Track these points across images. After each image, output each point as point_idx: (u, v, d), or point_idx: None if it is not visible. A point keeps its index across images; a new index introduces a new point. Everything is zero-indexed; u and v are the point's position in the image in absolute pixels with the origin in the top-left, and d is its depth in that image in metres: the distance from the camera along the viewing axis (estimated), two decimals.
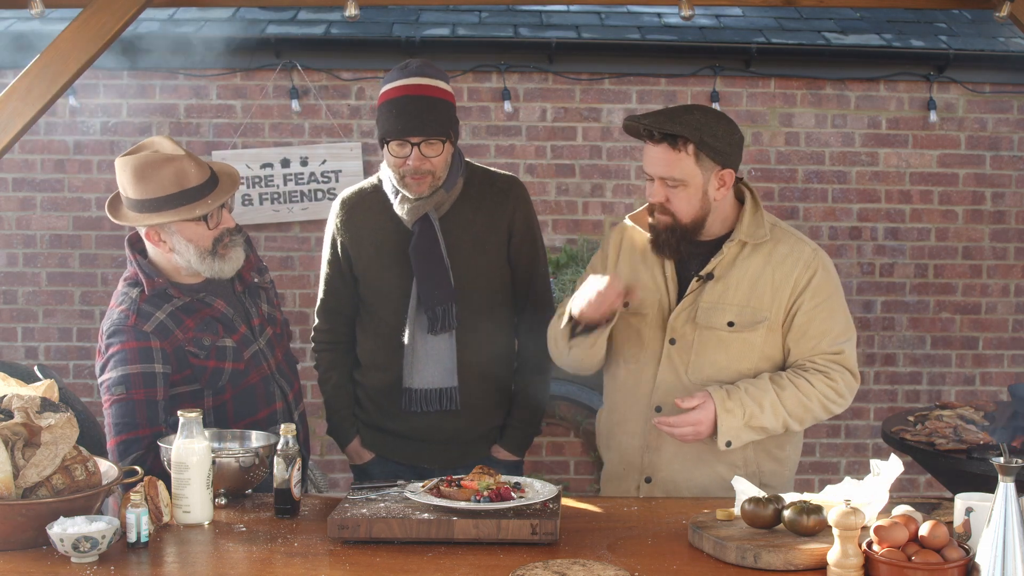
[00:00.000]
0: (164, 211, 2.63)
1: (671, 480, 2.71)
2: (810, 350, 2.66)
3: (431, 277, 2.94)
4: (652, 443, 2.72)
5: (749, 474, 2.69)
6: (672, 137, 2.57)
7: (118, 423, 2.61)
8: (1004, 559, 1.88)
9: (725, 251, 2.67)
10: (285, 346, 2.96)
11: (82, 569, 2.08)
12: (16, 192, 5.32)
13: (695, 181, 2.60)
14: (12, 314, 5.36)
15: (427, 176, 2.89)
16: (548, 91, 5.38)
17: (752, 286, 2.66)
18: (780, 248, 2.68)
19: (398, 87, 2.88)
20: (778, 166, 5.44)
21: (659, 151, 2.60)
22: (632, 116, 2.66)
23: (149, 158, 2.63)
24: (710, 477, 2.70)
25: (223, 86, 5.32)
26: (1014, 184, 5.50)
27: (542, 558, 2.12)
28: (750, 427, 2.59)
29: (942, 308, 5.53)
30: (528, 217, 3.09)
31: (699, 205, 2.64)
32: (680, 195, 2.61)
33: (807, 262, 2.67)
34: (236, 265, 2.76)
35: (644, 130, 2.60)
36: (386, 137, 2.89)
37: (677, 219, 2.64)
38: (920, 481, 5.33)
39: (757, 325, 2.65)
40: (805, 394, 2.61)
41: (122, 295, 2.71)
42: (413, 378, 2.99)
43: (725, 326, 2.65)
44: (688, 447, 2.68)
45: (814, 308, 2.65)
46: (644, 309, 2.73)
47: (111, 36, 2.96)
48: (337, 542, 2.24)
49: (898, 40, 5.45)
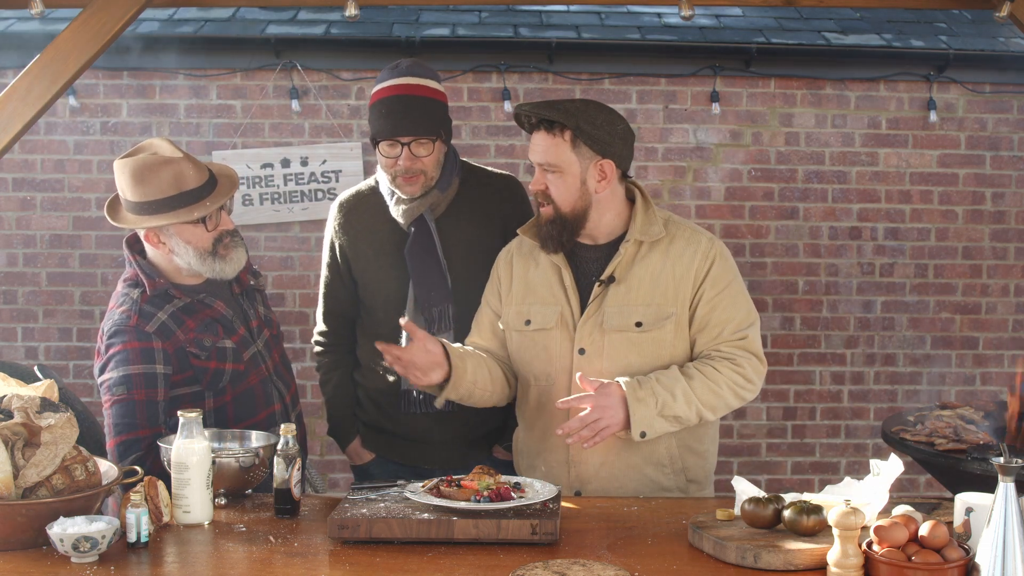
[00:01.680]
0: (162, 213, 2.63)
1: (602, 490, 2.69)
2: (714, 338, 2.65)
3: (427, 279, 2.94)
4: (575, 457, 2.69)
5: (675, 471, 2.70)
6: (549, 123, 2.60)
7: (118, 423, 2.61)
8: (1004, 559, 1.88)
9: (623, 251, 2.66)
10: (281, 348, 2.97)
11: (82, 569, 2.08)
12: (16, 192, 5.32)
13: (572, 169, 2.61)
14: (12, 314, 5.36)
15: (419, 176, 2.89)
16: (548, 91, 5.37)
17: (654, 284, 2.66)
18: (676, 243, 2.69)
19: (388, 87, 2.88)
20: (778, 166, 5.44)
21: (538, 138, 2.62)
22: (518, 104, 2.68)
23: (147, 160, 2.63)
24: (639, 481, 2.69)
25: (223, 86, 5.32)
26: (1014, 184, 5.50)
27: (542, 558, 2.12)
28: (663, 416, 2.55)
29: (942, 308, 5.53)
30: (525, 216, 3.08)
31: (578, 194, 2.63)
32: (558, 182, 2.62)
33: (704, 253, 2.68)
34: (238, 266, 2.76)
35: (524, 117, 2.63)
36: (377, 137, 2.89)
37: (557, 208, 2.64)
38: (920, 481, 5.33)
39: (665, 322, 2.64)
40: (714, 381, 2.59)
41: (123, 296, 2.71)
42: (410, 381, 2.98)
43: (633, 327, 2.64)
44: (613, 455, 2.66)
45: (715, 296, 2.66)
46: (547, 324, 2.70)
47: (111, 36, 2.96)
48: (337, 542, 2.24)
49: (898, 40, 5.45)
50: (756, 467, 5.50)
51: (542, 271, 2.75)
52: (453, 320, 2.95)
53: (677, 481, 2.71)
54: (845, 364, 5.52)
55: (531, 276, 2.76)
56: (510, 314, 2.78)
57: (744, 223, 5.42)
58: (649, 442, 2.63)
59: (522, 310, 2.75)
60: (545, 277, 2.74)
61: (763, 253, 5.40)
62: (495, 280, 2.84)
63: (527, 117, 2.63)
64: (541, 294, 2.73)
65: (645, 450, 2.66)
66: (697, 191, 5.40)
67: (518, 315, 2.76)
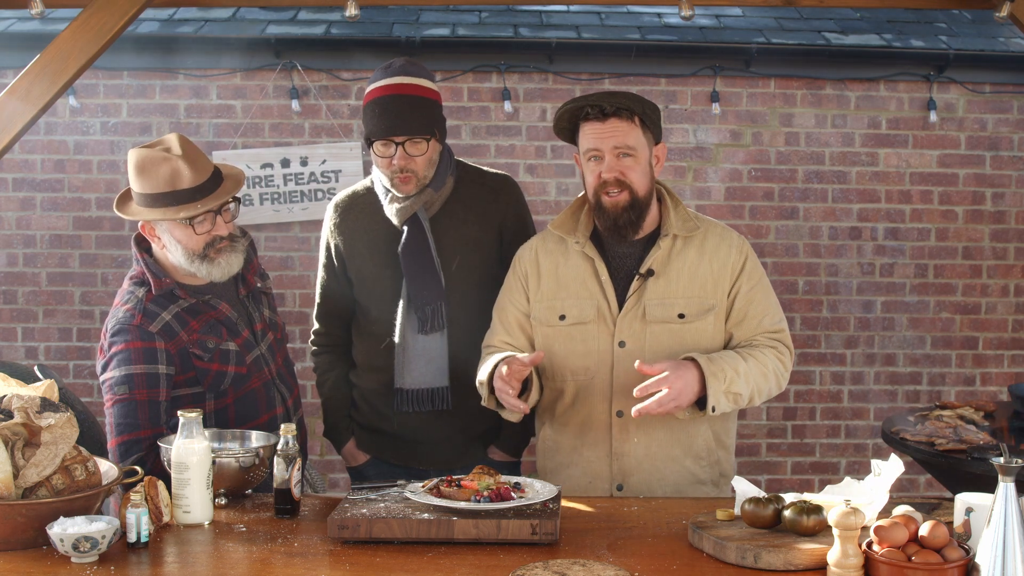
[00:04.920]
0: (153, 208, 2.64)
1: (644, 483, 2.71)
2: (753, 330, 2.71)
3: (420, 277, 2.94)
4: (618, 450, 2.71)
5: (710, 464, 2.74)
6: (619, 110, 2.62)
7: (120, 423, 2.60)
8: (1004, 559, 1.88)
9: (662, 245, 2.70)
10: (284, 352, 2.97)
11: (82, 569, 2.08)
12: (16, 192, 5.32)
13: (643, 152, 2.66)
14: (12, 314, 5.36)
15: (412, 176, 2.89)
16: (548, 91, 5.37)
17: (692, 278, 2.70)
18: (710, 239, 2.75)
19: (381, 87, 2.88)
20: (778, 166, 5.44)
21: (611, 124, 2.62)
22: (573, 99, 2.68)
23: (151, 154, 2.64)
24: (679, 474, 2.71)
25: (223, 86, 5.32)
26: (1014, 184, 5.50)
27: (542, 558, 2.12)
28: (729, 393, 2.58)
29: (942, 308, 5.53)
30: (521, 216, 3.09)
31: (648, 178, 2.68)
32: (635, 166, 2.64)
33: (739, 248, 2.75)
34: (228, 271, 2.73)
35: (593, 108, 2.63)
36: (371, 137, 2.89)
37: (635, 192, 2.65)
38: (920, 481, 5.34)
39: (707, 314, 2.69)
40: (764, 365, 2.64)
41: (128, 294, 2.70)
42: (404, 378, 2.98)
43: (676, 319, 2.67)
44: (656, 447, 2.69)
45: (751, 290, 2.72)
46: (585, 317, 2.71)
47: (111, 36, 2.96)
48: (337, 542, 2.24)
49: (898, 40, 5.46)
50: (756, 467, 5.50)
51: (573, 265, 2.75)
52: (446, 319, 2.95)
53: (711, 474, 2.75)
54: (845, 364, 5.52)
55: (561, 271, 2.76)
56: (541, 310, 2.76)
57: (744, 223, 5.42)
58: (689, 435, 2.70)
59: (554, 305, 2.74)
60: (577, 271, 2.74)
61: (763, 253, 5.40)
62: (518, 277, 2.82)
63: (593, 108, 2.63)
64: (574, 288, 2.73)
65: (685, 442, 2.70)
66: (697, 191, 5.41)
67: (550, 310, 2.75)
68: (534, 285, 2.79)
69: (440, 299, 2.94)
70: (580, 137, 2.69)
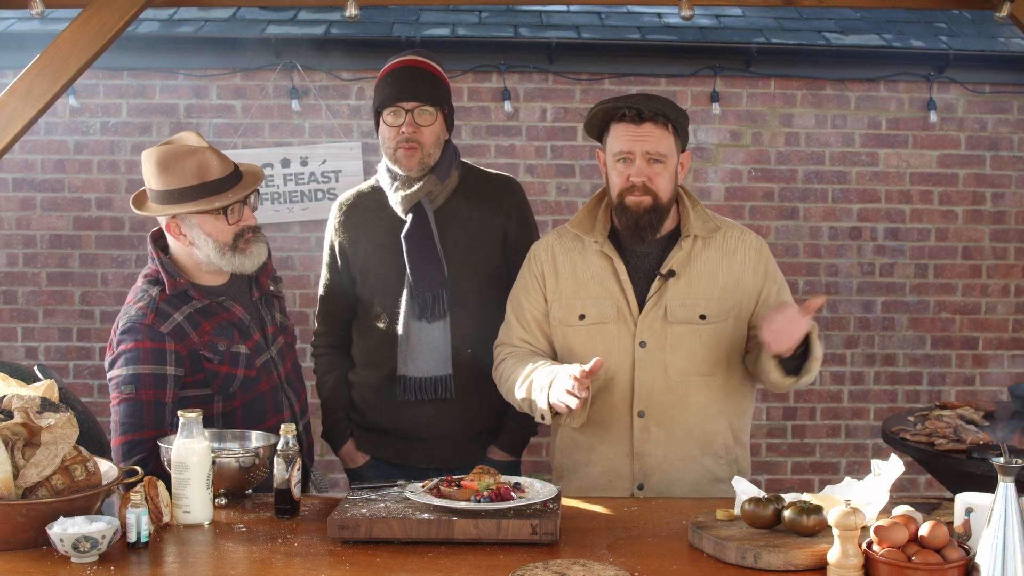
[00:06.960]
0: (184, 202, 2.62)
1: (664, 482, 2.71)
2: None
3: (423, 263, 2.94)
4: (639, 449, 2.71)
5: (729, 461, 2.75)
6: (655, 115, 2.62)
7: (124, 423, 2.60)
8: (1004, 559, 1.88)
9: (683, 246, 2.70)
10: (294, 356, 2.97)
11: (82, 569, 2.08)
12: (16, 192, 5.32)
13: (672, 160, 2.67)
14: (12, 314, 5.36)
15: (417, 148, 2.90)
16: (548, 91, 5.37)
17: (712, 278, 2.70)
18: (729, 240, 2.76)
19: (395, 62, 2.98)
20: (778, 166, 5.44)
21: (647, 128, 2.62)
22: (611, 99, 2.68)
23: (173, 149, 2.64)
24: (699, 472, 2.72)
25: (223, 86, 5.32)
26: (1014, 184, 5.50)
27: (542, 558, 2.12)
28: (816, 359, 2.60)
29: (942, 308, 5.53)
30: (524, 218, 3.09)
31: (673, 184, 2.70)
32: (664, 172, 2.65)
33: (758, 250, 2.77)
34: (257, 261, 2.74)
35: (630, 110, 2.62)
36: (381, 106, 2.93)
37: (658, 197, 2.65)
38: (920, 481, 5.33)
39: (727, 315, 2.70)
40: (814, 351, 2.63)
41: (142, 291, 2.70)
42: (407, 366, 2.98)
43: (698, 319, 2.68)
44: (676, 445, 2.69)
45: (778, 291, 2.76)
46: (605, 317, 2.71)
47: (111, 36, 2.96)
48: (337, 542, 2.24)
49: (898, 40, 5.46)
50: (756, 467, 5.50)
51: (591, 265, 2.75)
52: (449, 308, 2.96)
53: (729, 472, 2.75)
54: (845, 364, 5.52)
55: (580, 270, 2.76)
56: (560, 309, 2.76)
57: (744, 223, 5.40)
58: (707, 433, 2.71)
59: (574, 304, 2.74)
60: (595, 271, 2.74)
61: None
62: (534, 275, 2.81)
63: (630, 110, 2.62)
64: (593, 288, 2.73)
65: (704, 441, 2.71)
66: (697, 191, 5.40)
67: (570, 309, 2.74)
68: (551, 283, 2.78)
69: (442, 286, 2.94)
70: (610, 137, 2.68)
